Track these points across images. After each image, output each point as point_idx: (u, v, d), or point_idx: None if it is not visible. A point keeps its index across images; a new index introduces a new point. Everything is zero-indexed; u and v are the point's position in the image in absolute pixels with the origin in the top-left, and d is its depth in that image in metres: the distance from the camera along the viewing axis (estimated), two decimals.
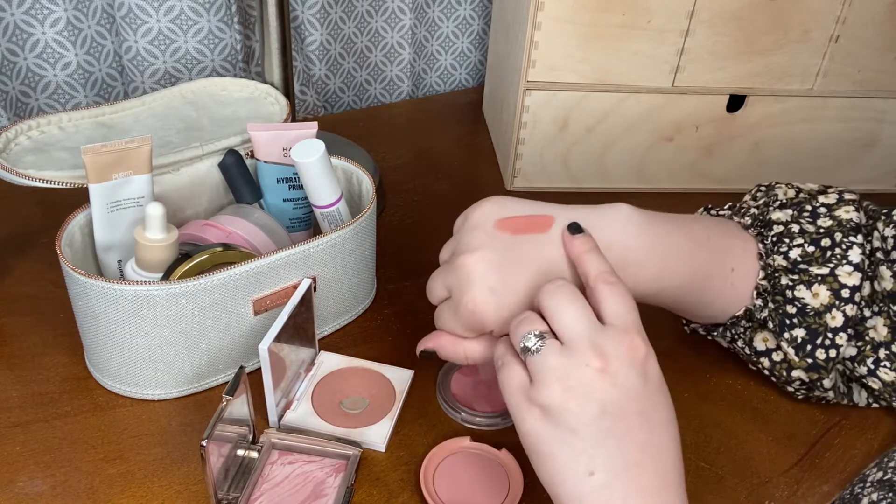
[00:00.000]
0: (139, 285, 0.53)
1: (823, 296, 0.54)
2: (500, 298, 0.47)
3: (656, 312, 0.70)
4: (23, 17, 0.81)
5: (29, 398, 0.58)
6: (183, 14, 0.84)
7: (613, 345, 0.42)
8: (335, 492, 0.52)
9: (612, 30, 0.77)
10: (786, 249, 0.56)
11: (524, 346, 0.43)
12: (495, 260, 0.47)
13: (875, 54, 0.81)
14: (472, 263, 0.47)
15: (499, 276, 0.47)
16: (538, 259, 0.48)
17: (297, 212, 0.68)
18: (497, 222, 0.49)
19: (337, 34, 0.96)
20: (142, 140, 0.58)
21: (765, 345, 0.58)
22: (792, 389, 0.60)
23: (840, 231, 0.56)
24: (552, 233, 0.49)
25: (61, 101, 0.87)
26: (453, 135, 0.98)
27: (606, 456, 0.40)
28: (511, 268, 0.48)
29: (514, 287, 0.47)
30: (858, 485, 0.52)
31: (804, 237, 0.56)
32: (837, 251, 0.55)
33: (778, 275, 0.56)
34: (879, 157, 0.89)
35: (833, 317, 0.55)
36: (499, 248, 0.48)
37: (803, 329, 0.55)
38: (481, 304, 0.47)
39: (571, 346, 0.42)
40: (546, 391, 0.41)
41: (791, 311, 0.55)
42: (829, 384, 0.57)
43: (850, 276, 0.54)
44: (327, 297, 0.63)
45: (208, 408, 0.58)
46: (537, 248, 0.48)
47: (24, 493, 0.52)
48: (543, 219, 0.49)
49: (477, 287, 0.47)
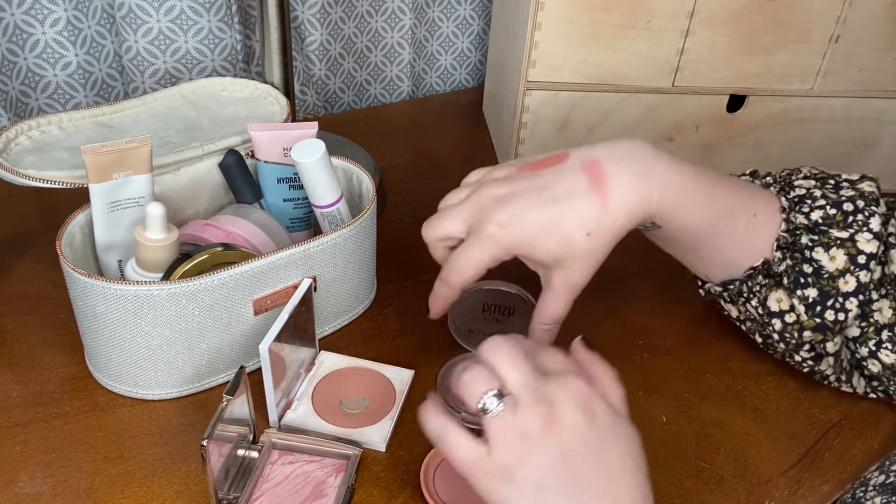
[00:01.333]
0: (139, 285, 0.53)
1: (840, 260, 0.55)
2: (523, 222, 0.51)
3: (657, 314, 0.70)
4: (23, 17, 0.81)
5: (29, 398, 0.58)
6: (183, 14, 0.84)
7: (557, 391, 0.43)
8: (335, 492, 0.52)
9: (612, 30, 0.77)
10: (808, 210, 0.57)
11: (484, 407, 0.43)
12: (519, 188, 0.51)
13: (875, 54, 0.81)
14: (493, 192, 0.52)
15: (521, 201, 0.51)
16: (558, 184, 0.52)
17: (297, 212, 0.68)
18: (519, 167, 0.54)
19: (337, 34, 0.96)
20: (142, 140, 0.58)
21: (778, 305, 0.58)
22: (798, 359, 0.61)
23: (862, 199, 0.57)
24: (568, 163, 0.52)
25: (61, 101, 0.87)
26: (453, 135, 0.98)
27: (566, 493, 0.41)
28: (534, 193, 0.51)
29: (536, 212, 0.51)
30: (860, 488, 0.51)
31: (827, 200, 0.57)
32: (860, 217, 0.56)
33: (799, 232, 0.57)
34: (879, 157, 0.89)
35: (846, 281, 0.55)
36: (522, 180, 0.52)
37: (815, 289, 0.56)
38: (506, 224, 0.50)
39: (520, 400, 0.43)
40: (506, 452, 0.42)
41: (807, 270, 0.56)
42: (832, 348, 0.58)
43: (869, 244, 0.55)
44: (327, 297, 0.63)
45: (208, 408, 0.58)
46: (556, 176, 0.52)
47: (25, 493, 0.52)
48: (560, 155, 0.53)
49: (500, 212, 0.51)
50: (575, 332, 0.67)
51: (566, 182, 0.51)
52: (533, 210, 0.51)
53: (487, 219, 0.51)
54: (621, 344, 0.67)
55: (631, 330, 0.68)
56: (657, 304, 0.71)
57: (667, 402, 0.62)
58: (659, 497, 0.54)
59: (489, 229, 0.51)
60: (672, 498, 0.54)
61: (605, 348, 0.66)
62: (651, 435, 0.59)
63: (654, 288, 0.73)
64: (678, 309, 0.70)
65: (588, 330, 0.68)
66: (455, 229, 0.53)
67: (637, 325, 0.69)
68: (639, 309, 0.71)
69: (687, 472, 0.56)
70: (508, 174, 0.53)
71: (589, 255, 0.51)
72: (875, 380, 0.59)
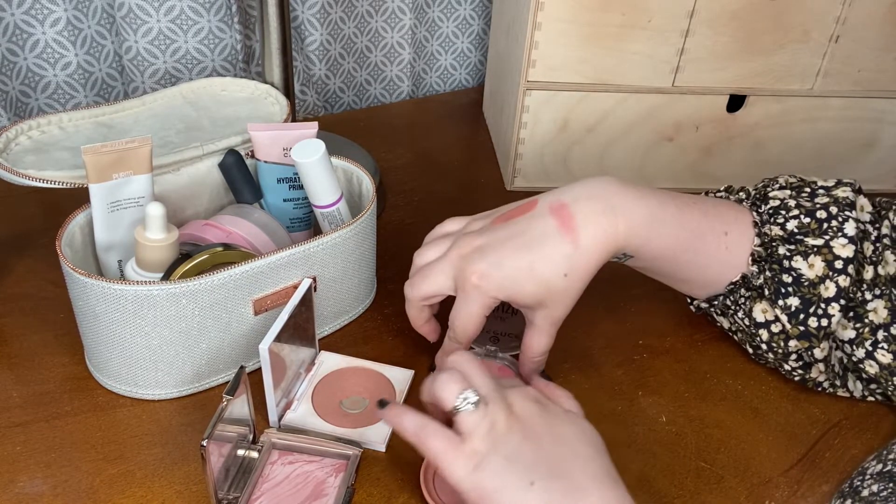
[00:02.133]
0: (139, 285, 0.53)
1: (818, 267, 0.57)
2: (502, 270, 0.53)
3: (657, 314, 0.70)
4: (23, 17, 0.81)
5: (29, 398, 0.58)
6: (183, 14, 0.84)
7: (515, 395, 0.49)
8: (335, 492, 0.52)
9: (612, 30, 0.77)
10: (782, 221, 0.58)
11: (460, 406, 0.47)
12: (494, 239, 0.54)
13: (875, 54, 0.81)
14: (470, 244, 0.54)
15: (497, 251, 0.53)
16: (530, 230, 0.54)
17: (297, 212, 0.68)
18: (494, 219, 0.56)
19: (337, 34, 0.96)
20: (142, 140, 0.58)
21: (764, 316, 0.59)
22: (788, 368, 0.61)
23: (836, 205, 0.58)
24: (537, 209, 0.54)
25: (61, 101, 0.87)
26: (453, 135, 0.98)
27: (535, 467, 0.45)
28: (509, 241, 0.53)
29: (513, 259, 0.53)
30: (858, 477, 0.52)
31: (800, 210, 0.58)
32: (833, 223, 0.57)
33: (775, 244, 0.58)
34: (879, 157, 0.89)
35: (826, 287, 0.57)
36: (496, 230, 0.54)
37: (797, 298, 0.57)
38: (487, 274, 0.53)
39: (488, 400, 0.47)
40: (478, 440, 0.46)
41: (787, 279, 0.57)
42: (820, 354, 0.59)
43: (844, 248, 0.57)
44: (327, 297, 0.63)
45: (208, 408, 0.59)
46: (527, 223, 0.54)
47: (25, 493, 0.52)
48: (529, 203, 0.56)
49: (479, 262, 0.53)
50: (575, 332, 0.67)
51: (537, 227, 0.53)
52: (510, 258, 0.53)
53: (469, 270, 0.53)
54: (621, 344, 0.67)
55: (631, 330, 0.68)
56: (657, 304, 0.71)
57: (667, 402, 0.62)
58: (659, 497, 0.55)
59: (472, 280, 0.53)
60: (672, 498, 0.54)
61: (605, 348, 0.67)
62: (651, 435, 0.59)
63: (654, 288, 0.73)
64: (678, 309, 0.70)
65: (588, 330, 0.68)
66: (444, 286, 0.55)
67: (637, 325, 0.69)
68: (639, 309, 0.71)
69: (687, 472, 0.56)
70: (484, 226, 0.56)
71: (567, 293, 0.54)
72: (873, 382, 0.59)
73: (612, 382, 0.63)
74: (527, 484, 0.44)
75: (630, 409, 0.61)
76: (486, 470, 0.45)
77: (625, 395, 0.62)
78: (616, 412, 0.61)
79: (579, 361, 0.65)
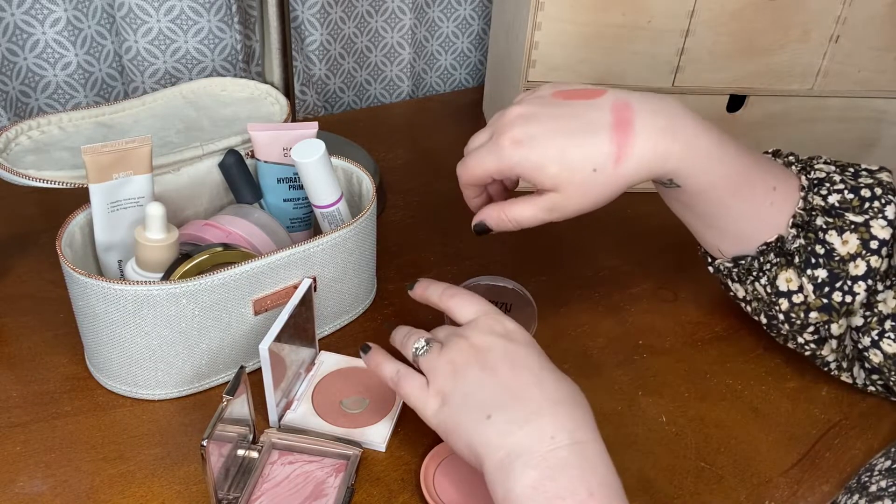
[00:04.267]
0: (139, 285, 0.53)
1: (852, 244, 0.56)
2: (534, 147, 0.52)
3: (657, 314, 0.70)
4: (23, 17, 0.81)
5: (29, 398, 0.58)
6: (183, 14, 0.84)
7: (470, 330, 0.51)
8: (335, 492, 0.52)
9: (612, 30, 0.77)
10: (826, 193, 0.58)
11: (415, 350, 0.52)
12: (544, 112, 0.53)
13: (875, 54, 0.81)
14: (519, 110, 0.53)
15: (541, 125, 0.52)
16: (583, 117, 0.52)
17: (297, 212, 0.68)
18: (555, 93, 0.55)
19: (337, 34, 0.96)
20: (142, 140, 0.58)
21: (787, 285, 0.58)
22: (802, 341, 0.61)
23: (880, 187, 0.57)
24: (601, 99, 0.53)
25: (61, 101, 0.87)
26: (453, 135, 0.98)
27: (492, 398, 0.47)
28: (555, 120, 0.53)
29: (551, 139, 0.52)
30: (865, 473, 0.52)
31: (845, 185, 0.58)
32: (876, 204, 0.57)
33: (815, 213, 0.57)
34: (879, 157, 0.89)
35: (857, 265, 0.56)
36: (551, 105, 0.54)
37: (825, 270, 0.56)
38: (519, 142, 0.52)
39: (448, 342, 0.51)
40: (441, 379, 0.49)
41: (819, 251, 0.57)
42: (836, 331, 0.58)
43: (883, 230, 0.56)
44: (327, 297, 0.63)
45: (208, 408, 0.59)
46: (585, 108, 0.53)
47: (25, 493, 0.52)
48: (597, 90, 0.54)
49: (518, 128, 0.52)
50: (575, 332, 0.67)
51: (592, 116, 0.52)
52: (549, 137, 0.52)
53: (506, 131, 0.53)
54: (621, 344, 0.67)
55: (631, 330, 0.68)
56: (657, 304, 0.71)
57: (667, 402, 0.62)
58: (659, 497, 0.55)
59: (502, 141, 0.53)
60: (672, 498, 0.54)
61: (605, 348, 0.67)
62: (651, 435, 0.59)
63: (654, 288, 0.73)
64: (678, 309, 0.70)
65: (588, 330, 0.68)
66: (490, 168, 0.54)
67: (637, 325, 0.69)
68: (639, 309, 0.71)
69: (687, 472, 0.56)
70: (542, 96, 0.55)
71: (587, 188, 0.52)
72: (875, 372, 0.59)
73: (612, 382, 0.63)
74: (483, 418, 0.46)
75: (630, 409, 0.61)
76: (449, 407, 0.48)
77: (625, 395, 0.62)
78: (616, 412, 0.61)
79: (579, 361, 0.65)
